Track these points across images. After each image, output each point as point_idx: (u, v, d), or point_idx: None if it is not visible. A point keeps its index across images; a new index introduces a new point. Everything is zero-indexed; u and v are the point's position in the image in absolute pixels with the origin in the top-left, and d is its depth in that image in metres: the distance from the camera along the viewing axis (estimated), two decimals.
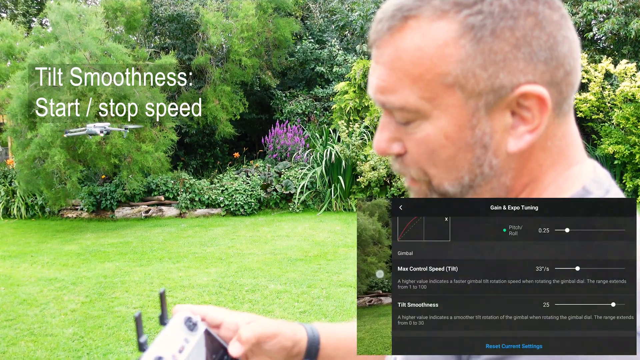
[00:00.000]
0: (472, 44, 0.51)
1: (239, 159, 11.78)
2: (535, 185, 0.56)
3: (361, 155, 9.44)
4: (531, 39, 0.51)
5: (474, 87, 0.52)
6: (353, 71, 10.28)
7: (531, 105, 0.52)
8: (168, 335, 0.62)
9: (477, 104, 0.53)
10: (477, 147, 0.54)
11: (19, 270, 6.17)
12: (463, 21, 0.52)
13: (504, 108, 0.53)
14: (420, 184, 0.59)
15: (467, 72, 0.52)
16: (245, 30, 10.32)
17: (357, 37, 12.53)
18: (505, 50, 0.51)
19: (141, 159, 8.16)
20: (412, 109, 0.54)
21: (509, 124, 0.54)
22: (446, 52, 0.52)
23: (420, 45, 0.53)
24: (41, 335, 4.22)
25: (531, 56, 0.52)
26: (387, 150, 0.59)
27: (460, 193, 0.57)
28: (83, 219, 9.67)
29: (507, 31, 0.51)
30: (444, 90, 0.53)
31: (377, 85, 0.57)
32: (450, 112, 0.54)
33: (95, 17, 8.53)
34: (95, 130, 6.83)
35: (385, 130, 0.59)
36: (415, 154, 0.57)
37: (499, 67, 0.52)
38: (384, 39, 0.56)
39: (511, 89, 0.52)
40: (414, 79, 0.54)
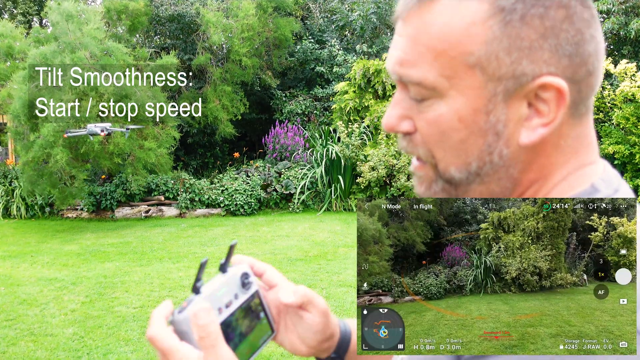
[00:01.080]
0: (500, 26, 0.51)
1: (239, 159, 11.79)
2: (543, 182, 0.56)
3: (361, 155, 9.44)
4: (559, 31, 0.51)
5: (495, 70, 0.52)
6: (353, 71, 10.28)
7: (549, 97, 0.52)
8: (221, 286, 0.60)
9: (495, 89, 0.52)
10: (490, 134, 0.53)
11: (19, 270, 6.17)
12: (494, 2, 0.51)
13: (521, 97, 0.52)
14: (426, 168, 0.58)
15: (491, 55, 0.51)
16: (246, 30, 10.33)
17: (357, 37, 12.53)
18: (532, 37, 0.51)
19: (144, 156, 8.16)
20: (429, 86, 0.54)
21: (524, 114, 0.53)
22: (473, 31, 0.51)
23: (448, 22, 0.52)
24: (41, 335, 4.22)
25: (557, 48, 0.51)
26: (396, 127, 0.58)
27: (466, 180, 0.56)
28: (83, 219, 9.67)
29: (537, 19, 0.50)
30: (464, 70, 0.52)
31: (397, 57, 0.56)
32: (467, 94, 0.53)
33: (95, 17, 8.54)
34: (96, 130, 6.83)
35: (397, 107, 0.58)
36: (425, 134, 0.56)
37: (523, 53, 0.51)
38: (411, 11, 0.55)
39: (532, 78, 0.51)
40: (437, 54, 0.53)
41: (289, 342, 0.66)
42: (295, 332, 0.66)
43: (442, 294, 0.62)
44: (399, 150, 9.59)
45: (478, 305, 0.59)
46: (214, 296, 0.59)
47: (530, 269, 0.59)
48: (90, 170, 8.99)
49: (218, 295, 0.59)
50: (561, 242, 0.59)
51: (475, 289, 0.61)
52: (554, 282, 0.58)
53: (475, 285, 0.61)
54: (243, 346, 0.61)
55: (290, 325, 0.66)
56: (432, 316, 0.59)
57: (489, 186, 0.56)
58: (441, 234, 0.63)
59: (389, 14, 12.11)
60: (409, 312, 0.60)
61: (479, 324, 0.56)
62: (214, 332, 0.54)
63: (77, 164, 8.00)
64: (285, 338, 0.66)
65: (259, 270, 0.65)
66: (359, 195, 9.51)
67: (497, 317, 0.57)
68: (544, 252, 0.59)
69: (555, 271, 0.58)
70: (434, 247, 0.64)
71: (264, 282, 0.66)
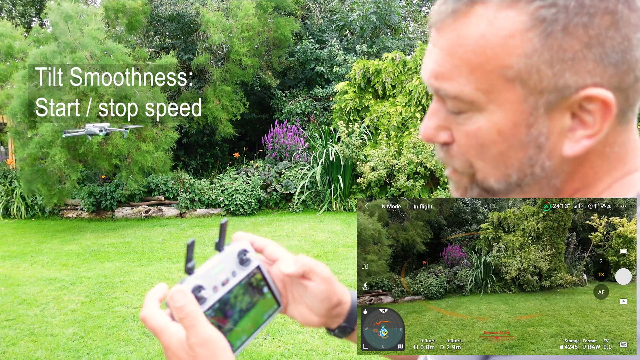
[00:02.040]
0: (540, 38, 0.49)
1: (239, 159, 11.79)
2: (586, 191, 0.54)
3: (361, 155, 9.44)
4: (605, 39, 0.48)
5: (537, 84, 0.50)
6: (353, 71, 10.28)
7: (594, 109, 0.50)
8: (217, 265, 0.60)
9: (536, 102, 0.50)
10: (531, 147, 0.52)
11: (19, 270, 6.17)
12: (534, 13, 0.49)
13: (564, 109, 0.50)
14: (461, 176, 0.57)
15: (531, 68, 0.49)
16: (246, 30, 10.32)
17: (357, 37, 12.53)
18: (576, 48, 0.48)
19: (141, 159, 8.16)
20: (466, 100, 0.52)
21: (568, 126, 0.51)
22: (511, 43, 0.49)
23: (485, 34, 0.50)
24: (41, 335, 4.22)
25: (602, 57, 0.49)
26: (433, 138, 0.57)
27: (505, 190, 0.55)
28: (83, 219, 9.67)
29: (580, 28, 0.48)
30: (503, 83, 0.50)
31: (432, 69, 0.54)
32: (506, 108, 0.51)
33: (95, 18, 8.54)
34: (95, 130, 6.83)
35: (434, 117, 0.56)
36: (463, 146, 0.55)
37: (566, 65, 0.49)
38: (446, 21, 0.53)
39: (575, 90, 0.49)
40: (473, 68, 0.51)
41: (299, 314, 0.67)
42: (303, 302, 0.66)
43: (443, 294, 0.62)
44: (398, 150, 9.57)
45: (478, 305, 0.59)
46: (208, 275, 0.59)
47: (530, 269, 0.59)
48: (84, 171, 8.97)
49: (213, 274, 0.59)
50: (561, 242, 0.59)
51: (476, 288, 0.61)
52: (554, 282, 0.58)
53: (475, 285, 0.61)
54: (244, 321, 0.61)
55: (297, 297, 0.66)
56: (433, 316, 0.59)
57: (530, 195, 0.55)
58: (441, 233, 0.63)
59: (388, 14, 12.11)
60: (409, 312, 0.60)
61: (479, 324, 0.56)
62: (192, 312, 0.55)
63: (74, 164, 8.00)
64: (295, 310, 0.67)
65: (259, 246, 0.65)
66: (359, 195, 9.51)
67: (497, 317, 0.57)
68: (544, 252, 0.59)
69: (555, 271, 0.58)
70: (434, 247, 0.64)
71: (265, 258, 0.65)
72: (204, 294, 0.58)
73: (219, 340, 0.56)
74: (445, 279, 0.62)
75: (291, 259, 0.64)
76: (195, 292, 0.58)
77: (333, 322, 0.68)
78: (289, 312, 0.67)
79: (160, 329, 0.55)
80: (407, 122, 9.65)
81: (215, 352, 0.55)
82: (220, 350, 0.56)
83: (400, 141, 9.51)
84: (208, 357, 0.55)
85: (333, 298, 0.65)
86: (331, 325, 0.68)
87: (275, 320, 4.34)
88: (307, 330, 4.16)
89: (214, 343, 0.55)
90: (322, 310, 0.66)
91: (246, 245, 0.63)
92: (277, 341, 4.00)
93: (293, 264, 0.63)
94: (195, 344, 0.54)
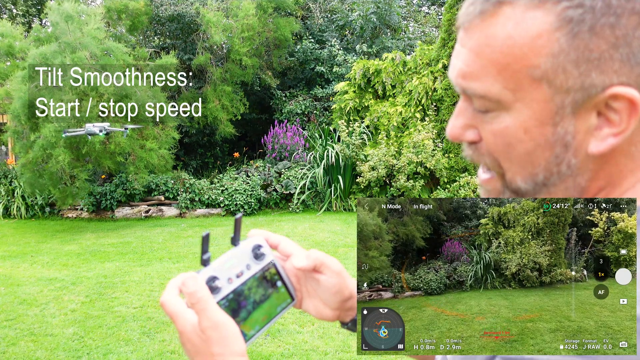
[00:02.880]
0: (567, 39, 0.49)
1: (239, 159, 11.79)
2: (611, 189, 0.55)
3: (361, 155, 9.44)
4: (632, 39, 0.49)
5: (563, 83, 0.50)
6: (353, 71, 10.28)
7: (620, 107, 0.50)
8: (232, 258, 0.63)
9: (563, 101, 0.51)
10: (558, 146, 0.52)
11: (19, 270, 6.17)
12: (561, 13, 0.49)
13: (590, 108, 0.51)
14: (494, 181, 0.58)
15: (558, 67, 0.50)
16: (246, 30, 10.33)
17: (357, 37, 12.53)
18: (602, 48, 0.49)
19: (146, 156, 8.16)
20: (493, 99, 0.53)
21: (594, 124, 0.51)
22: (539, 43, 0.50)
23: (512, 34, 0.51)
24: (41, 335, 4.22)
25: (629, 57, 0.49)
26: (460, 137, 0.58)
27: (532, 190, 0.55)
28: (83, 219, 9.67)
29: (607, 29, 0.49)
30: (530, 83, 0.51)
31: (460, 69, 0.55)
32: (533, 107, 0.52)
33: (95, 17, 8.53)
34: (94, 130, 6.82)
35: (460, 117, 0.57)
36: (491, 145, 0.55)
37: (592, 65, 0.49)
38: (474, 22, 0.54)
39: (602, 89, 0.50)
40: (501, 68, 0.52)
41: (313, 308, 0.69)
42: (317, 296, 0.68)
43: (442, 290, 0.62)
44: (399, 150, 9.56)
45: (478, 300, 0.59)
46: (222, 267, 0.62)
47: (530, 264, 0.59)
48: (91, 170, 8.99)
49: (227, 267, 0.63)
50: (561, 237, 0.59)
51: (475, 284, 0.61)
52: (554, 278, 0.58)
53: (475, 280, 0.61)
54: (257, 313, 0.63)
55: (311, 291, 0.68)
56: (433, 311, 0.59)
57: (556, 195, 0.55)
58: (441, 229, 0.63)
59: (388, 14, 12.11)
60: (409, 308, 0.60)
61: (479, 320, 0.56)
62: (203, 297, 0.58)
63: (78, 164, 7.99)
64: (309, 304, 0.69)
65: (274, 242, 0.67)
66: (359, 195, 9.51)
67: (497, 313, 0.57)
68: (544, 247, 0.59)
69: (555, 267, 0.58)
70: (434, 243, 0.64)
71: (280, 253, 0.68)
72: (218, 284, 0.61)
73: (230, 325, 0.58)
74: (445, 275, 0.62)
75: (303, 254, 0.66)
76: (210, 282, 0.60)
77: (346, 315, 0.70)
78: (304, 307, 0.69)
79: (176, 314, 0.58)
80: (407, 122, 9.65)
81: (225, 335, 0.57)
82: (231, 334, 0.58)
83: (400, 141, 9.51)
84: (219, 340, 0.57)
85: (345, 291, 0.67)
86: (345, 319, 0.70)
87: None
88: (307, 330, 4.16)
89: (225, 327, 0.58)
90: (335, 304, 0.67)
91: (261, 241, 0.66)
92: (277, 341, 4.00)
93: (305, 259, 0.65)
94: (207, 327, 0.57)
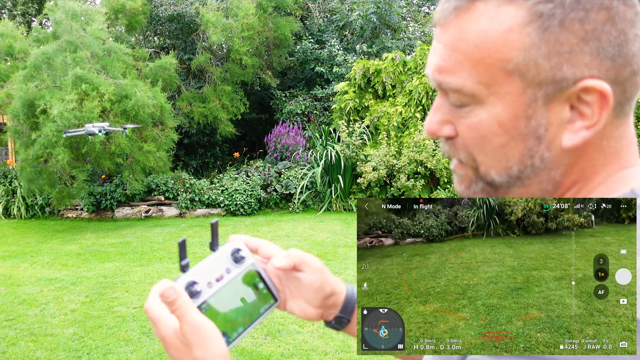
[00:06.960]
0: (538, 33, 0.50)
1: (239, 158, 11.79)
2: (584, 184, 0.56)
3: (361, 155, 9.43)
4: (601, 33, 0.50)
5: (535, 76, 0.51)
6: (353, 71, 10.28)
7: (592, 100, 0.51)
8: (211, 263, 0.64)
9: (535, 94, 0.52)
10: (530, 138, 0.53)
11: (19, 270, 6.17)
12: (532, 8, 0.51)
13: (563, 101, 0.52)
14: (467, 168, 0.59)
15: (529, 61, 0.51)
16: (246, 30, 10.32)
17: (357, 37, 12.53)
18: (572, 42, 0.50)
19: (143, 159, 8.15)
20: (468, 93, 0.54)
21: (566, 117, 0.53)
22: (511, 38, 0.51)
23: (486, 29, 0.52)
24: (41, 335, 4.22)
25: (598, 51, 0.50)
26: (437, 132, 0.58)
27: (506, 184, 0.56)
28: (83, 219, 9.67)
29: (577, 23, 0.50)
30: (503, 76, 0.52)
31: (436, 64, 0.56)
32: (506, 100, 0.53)
33: (98, 17, 8.53)
34: (94, 130, 6.81)
35: (437, 112, 0.58)
36: (466, 139, 0.56)
37: (563, 58, 0.50)
38: (449, 18, 0.55)
39: (573, 82, 0.51)
40: (475, 62, 0.53)
41: (297, 308, 0.70)
42: (300, 296, 0.69)
43: (444, 236, 0.61)
44: (398, 150, 9.56)
45: (482, 249, 0.59)
46: (202, 272, 0.63)
47: (536, 208, 0.57)
48: (90, 170, 8.99)
49: (207, 271, 0.63)
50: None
51: (478, 231, 0.60)
52: (560, 224, 0.56)
53: (477, 227, 0.60)
54: (240, 315, 0.64)
55: (294, 291, 0.69)
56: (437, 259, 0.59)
57: (530, 189, 0.56)
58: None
59: (388, 14, 12.10)
60: (412, 255, 0.60)
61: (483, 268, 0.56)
62: (182, 304, 0.58)
63: (77, 164, 7.99)
64: (293, 305, 0.70)
65: (254, 246, 0.68)
66: (359, 195, 9.50)
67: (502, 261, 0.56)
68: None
69: (562, 212, 0.56)
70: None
71: (261, 257, 0.68)
72: (197, 288, 0.61)
73: (210, 328, 0.59)
74: (445, 220, 0.61)
75: (283, 254, 0.67)
76: (189, 287, 0.61)
77: (329, 313, 0.71)
78: (288, 308, 0.70)
79: (157, 319, 0.60)
80: (407, 122, 9.65)
81: (205, 338, 0.58)
82: (212, 337, 0.59)
83: (400, 141, 9.51)
84: (200, 343, 0.58)
85: (326, 288, 0.68)
86: (328, 317, 0.71)
87: (275, 320, 4.34)
88: (307, 330, 4.16)
89: (205, 330, 0.58)
90: (317, 301, 0.69)
91: (239, 245, 0.67)
92: (277, 341, 4.00)
93: (284, 258, 0.66)
94: (187, 331, 0.58)
